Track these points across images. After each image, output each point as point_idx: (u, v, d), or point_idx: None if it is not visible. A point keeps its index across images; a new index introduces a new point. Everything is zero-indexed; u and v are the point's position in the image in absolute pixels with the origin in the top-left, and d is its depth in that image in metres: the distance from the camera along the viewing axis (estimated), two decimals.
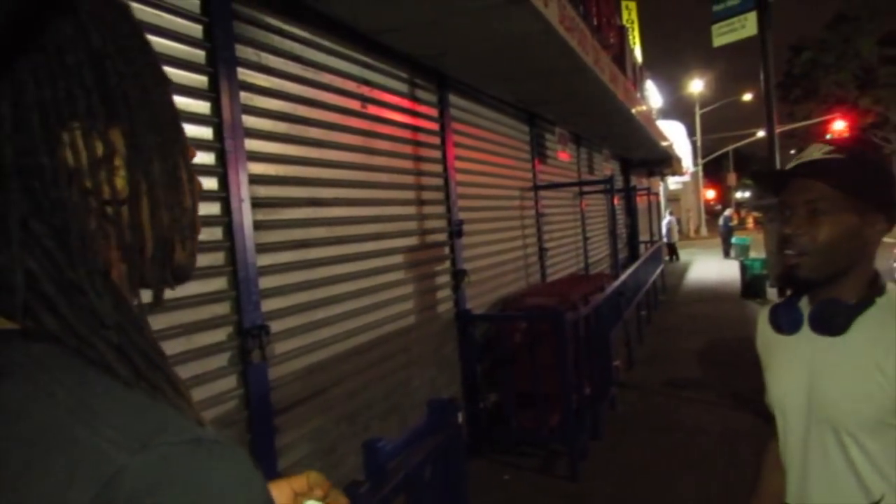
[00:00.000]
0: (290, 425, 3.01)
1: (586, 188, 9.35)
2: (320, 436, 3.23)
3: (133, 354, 0.49)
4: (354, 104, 3.78)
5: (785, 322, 1.39)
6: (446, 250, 4.89)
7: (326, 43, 3.51)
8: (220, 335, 2.66)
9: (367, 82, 3.92)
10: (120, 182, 0.52)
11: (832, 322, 1.29)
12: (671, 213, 23.03)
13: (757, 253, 13.40)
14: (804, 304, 1.39)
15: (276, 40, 3.12)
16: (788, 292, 1.46)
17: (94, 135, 0.50)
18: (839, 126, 32.52)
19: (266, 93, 3.03)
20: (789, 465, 1.42)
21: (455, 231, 4.91)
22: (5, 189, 0.47)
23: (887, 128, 35.95)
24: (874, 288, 1.31)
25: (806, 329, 1.35)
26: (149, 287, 0.57)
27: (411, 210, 4.42)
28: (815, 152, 1.32)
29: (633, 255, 11.39)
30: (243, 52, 2.88)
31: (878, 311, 1.28)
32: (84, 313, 0.48)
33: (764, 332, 1.51)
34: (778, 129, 6.75)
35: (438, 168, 4.83)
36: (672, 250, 21.33)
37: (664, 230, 21.12)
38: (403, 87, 4.41)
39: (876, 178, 1.30)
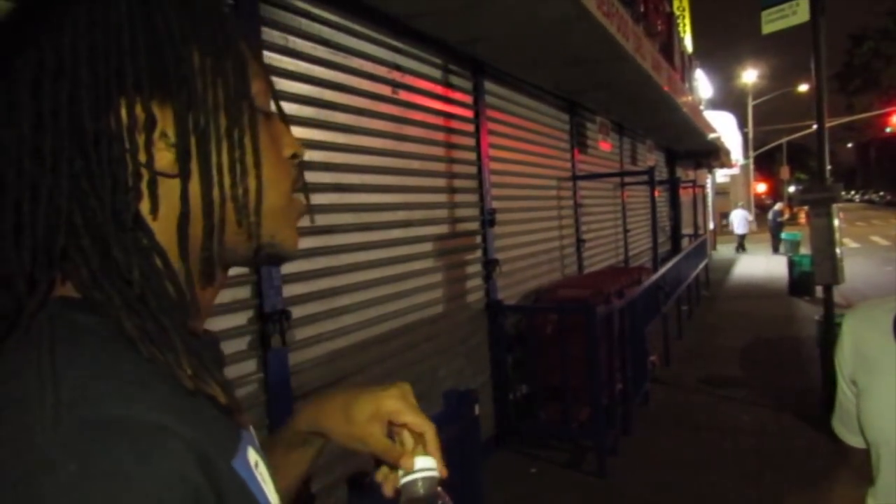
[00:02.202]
0: None
1: (627, 179, 9.16)
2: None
3: (145, 316, 0.49)
4: (385, 90, 3.74)
5: None
6: (478, 239, 4.83)
7: (356, 27, 3.48)
8: (240, 319, 2.66)
9: (398, 67, 3.88)
10: (168, 155, 0.54)
11: None
12: (742, 206, 23.22)
13: (807, 249, 12.98)
14: None
15: (304, 23, 3.09)
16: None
17: (139, 106, 0.52)
18: None
19: (293, 77, 3.01)
20: None
21: (487, 220, 4.85)
22: (60, 149, 0.50)
23: None
24: None
25: None
26: (219, 264, 0.58)
27: (442, 198, 4.37)
28: None
29: (676, 249, 11.12)
30: (269, 35, 2.87)
31: None
32: (110, 267, 0.50)
33: (865, 343, 1.20)
34: (832, 123, 6.48)
35: (472, 156, 4.76)
36: (740, 242, 21.47)
37: (735, 222, 21.65)
38: (437, 73, 4.36)
39: None
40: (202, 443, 0.46)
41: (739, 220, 21.75)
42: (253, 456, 0.56)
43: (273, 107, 0.64)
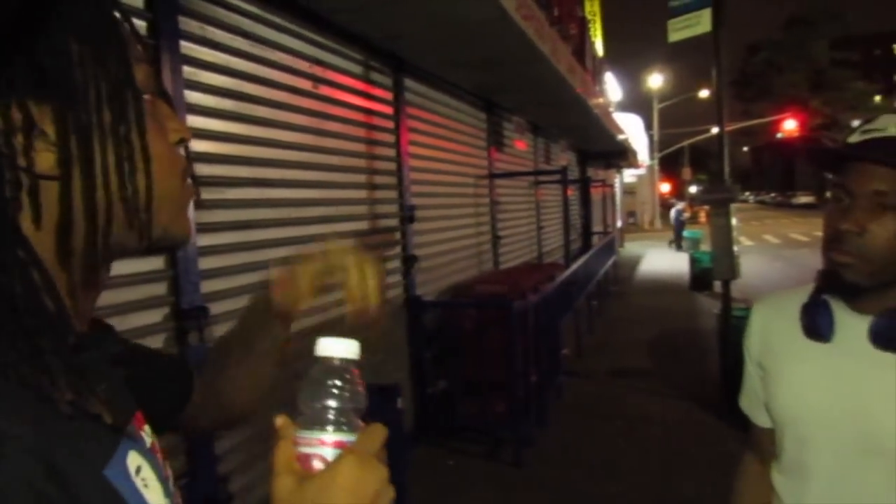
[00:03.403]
0: None
1: (541, 178, 9.41)
2: (259, 420, 3.17)
3: (19, 338, 0.46)
4: (306, 84, 3.71)
5: (824, 326, 1.15)
6: (397, 235, 4.85)
7: (277, 19, 3.43)
8: (155, 316, 2.59)
9: (319, 62, 3.85)
10: (49, 157, 0.50)
11: None
12: (680, 203, 24.09)
13: (707, 246, 13.70)
14: (836, 306, 1.17)
15: (222, 14, 3.02)
16: (813, 289, 1.23)
17: (12, 106, 0.49)
18: (790, 125, 33.36)
19: (211, 68, 2.94)
20: (801, 492, 1.21)
21: (407, 216, 4.88)
22: None
23: (835, 129, 37.12)
24: None
25: (846, 338, 1.14)
26: (99, 261, 0.56)
27: (362, 194, 4.37)
28: (892, 126, 1.07)
29: (586, 246, 11.51)
30: (187, 24, 2.79)
31: None
32: None
33: (773, 330, 1.28)
34: (731, 127, 6.88)
35: (391, 152, 4.78)
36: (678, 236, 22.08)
37: (673, 218, 22.54)
38: (358, 69, 4.35)
39: None
40: (55, 452, 0.44)
41: (678, 216, 22.59)
42: (135, 461, 0.54)
43: (155, 90, 0.61)
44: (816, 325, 1.16)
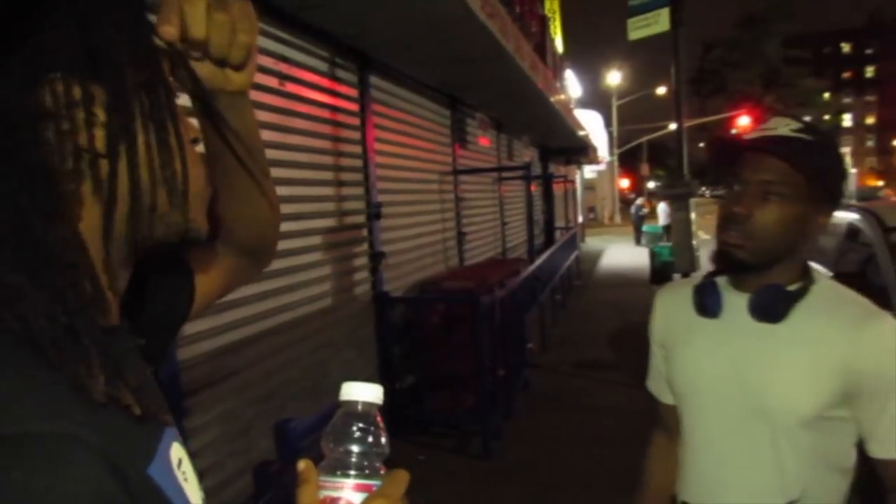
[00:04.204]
0: (200, 407, 2.95)
1: (505, 174, 9.49)
2: (232, 418, 3.17)
3: (57, 317, 0.46)
4: (272, 81, 3.70)
5: (713, 304, 1.28)
6: (364, 232, 4.87)
7: None
8: None
9: (285, 59, 3.84)
10: (100, 134, 0.51)
11: (775, 309, 1.20)
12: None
13: (666, 241, 13.97)
14: (724, 287, 1.31)
15: None
16: (705, 273, 1.38)
17: (74, 83, 0.50)
18: (744, 122, 34.15)
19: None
20: (697, 459, 1.33)
21: (374, 213, 4.90)
22: None
23: None
24: (807, 276, 1.25)
25: (731, 313, 1.27)
26: (139, 242, 0.56)
27: (329, 191, 4.38)
28: (782, 127, 1.20)
29: (550, 241, 11.66)
30: (153, 20, 2.76)
31: (814, 300, 1.21)
32: (26, 261, 0.46)
33: (672, 313, 1.42)
34: (688, 123, 7.06)
35: (358, 149, 4.79)
36: (667, 231, 22.35)
37: (661, 215, 22.44)
38: (323, 66, 4.35)
39: (835, 167, 1.23)
40: (112, 451, 0.44)
41: (663, 212, 22.90)
42: (176, 453, 0.54)
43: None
44: (706, 303, 1.29)
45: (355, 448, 0.61)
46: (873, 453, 1.20)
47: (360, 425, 0.62)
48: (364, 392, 0.63)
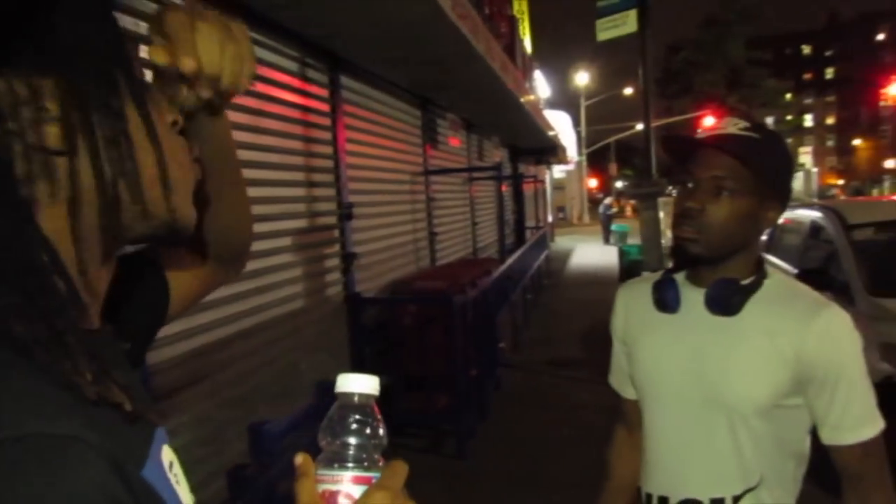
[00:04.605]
0: (172, 411, 2.90)
1: (476, 174, 9.52)
2: (204, 422, 3.13)
3: (35, 318, 0.45)
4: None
5: (671, 299, 1.33)
6: (336, 233, 4.85)
7: None
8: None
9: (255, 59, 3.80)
10: (55, 130, 0.49)
11: (730, 302, 1.25)
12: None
13: (635, 239, 14.15)
14: (682, 283, 1.35)
15: (152, 8, 2.96)
16: (663, 270, 1.43)
17: (18, 79, 0.47)
18: (709, 122, 34.67)
19: (145, 65, 2.87)
20: (658, 451, 1.37)
21: (345, 214, 4.88)
22: None
23: None
24: (760, 269, 1.30)
25: (689, 308, 1.31)
26: (111, 241, 0.54)
27: (301, 192, 4.35)
28: (731, 126, 1.26)
29: (520, 241, 11.72)
30: (121, 20, 2.71)
31: (767, 293, 1.27)
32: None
33: (632, 309, 1.46)
34: (656, 123, 7.16)
35: (329, 150, 4.76)
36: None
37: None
38: (294, 67, 4.32)
39: (781, 164, 1.29)
40: (113, 451, 0.43)
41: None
42: (167, 456, 0.53)
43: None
44: (665, 299, 1.34)
45: (353, 440, 0.60)
46: (825, 440, 1.25)
47: (358, 417, 0.62)
48: (360, 383, 0.63)
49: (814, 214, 5.19)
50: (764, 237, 3.93)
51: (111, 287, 0.58)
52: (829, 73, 77.97)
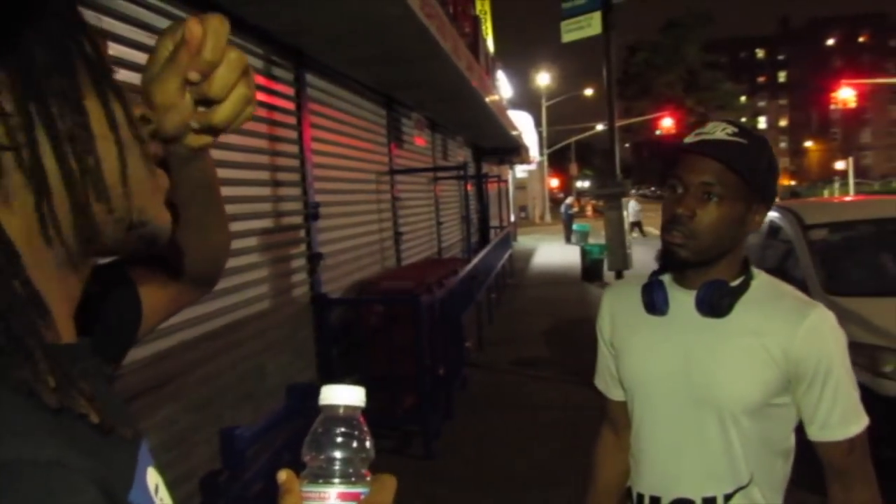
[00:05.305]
0: (137, 416, 2.83)
1: (441, 174, 9.53)
2: (169, 426, 3.07)
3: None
4: None
5: (660, 301, 1.34)
6: (301, 233, 4.79)
7: (177, 11, 3.30)
8: None
9: None
10: (11, 124, 0.44)
11: (720, 304, 1.27)
12: (637, 201, 24.59)
13: (595, 239, 14.34)
14: (669, 285, 1.37)
15: (121, 4, 2.89)
16: (651, 272, 1.45)
17: None
18: (667, 123, 35.31)
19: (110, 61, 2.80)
20: (649, 451, 1.39)
21: (311, 214, 4.83)
22: None
23: None
24: (747, 271, 1.32)
25: (677, 309, 1.33)
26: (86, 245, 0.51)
27: (266, 191, 4.29)
28: (719, 131, 1.27)
29: (484, 240, 11.78)
30: (83, 14, 2.64)
31: (755, 294, 1.29)
32: None
33: (619, 312, 1.47)
34: (616, 124, 7.25)
35: (294, 149, 4.71)
36: (639, 227, 22.38)
37: (632, 212, 22.62)
38: (259, 64, 4.26)
39: (769, 169, 1.30)
40: (101, 473, 0.41)
41: (633, 209, 23.28)
42: (153, 478, 0.51)
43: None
44: (654, 301, 1.35)
45: (339, 454, 0.58)
46: (813, 437, 1.28)
47: (343, 430, 0.59)
48: (346, 395, 0.61)
49: (772, 214, 5.32)
50: None
51: (83, 301, 0.54)
52: (782, 76, 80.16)
